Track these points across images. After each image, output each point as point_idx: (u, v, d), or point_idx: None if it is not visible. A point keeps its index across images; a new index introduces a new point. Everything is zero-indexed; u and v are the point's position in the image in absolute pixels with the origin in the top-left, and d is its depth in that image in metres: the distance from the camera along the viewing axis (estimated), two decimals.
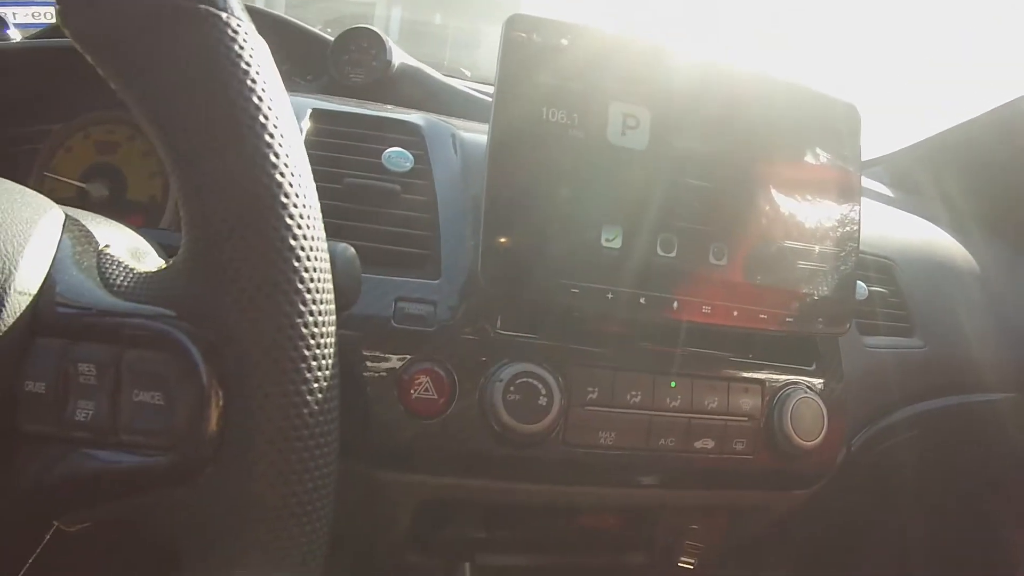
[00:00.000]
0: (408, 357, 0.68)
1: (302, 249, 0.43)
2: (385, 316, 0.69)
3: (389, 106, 0.89)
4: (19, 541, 0.47)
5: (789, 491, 0.85)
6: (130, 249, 0.52)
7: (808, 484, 0.86)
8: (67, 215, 0.49)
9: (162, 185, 0.95)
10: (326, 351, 0.44)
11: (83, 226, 0.50)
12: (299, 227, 0.43)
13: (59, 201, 0.50)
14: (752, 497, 0.84)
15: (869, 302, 0.97)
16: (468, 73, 1.54)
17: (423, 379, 0.67)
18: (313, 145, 0.76)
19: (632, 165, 0.71)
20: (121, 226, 0.54)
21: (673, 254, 0.72)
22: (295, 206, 0.43)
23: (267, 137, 0.42)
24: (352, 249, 0.54)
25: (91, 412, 0.42)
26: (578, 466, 0.73)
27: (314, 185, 0.46)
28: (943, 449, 1.14)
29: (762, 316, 0.75)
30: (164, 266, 0.47)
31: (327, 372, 0.44)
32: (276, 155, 0.42)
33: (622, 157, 0.70)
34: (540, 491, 0.76)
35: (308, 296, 0.43)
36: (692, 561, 0.85)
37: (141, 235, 0.55)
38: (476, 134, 0.82)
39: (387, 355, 0.68)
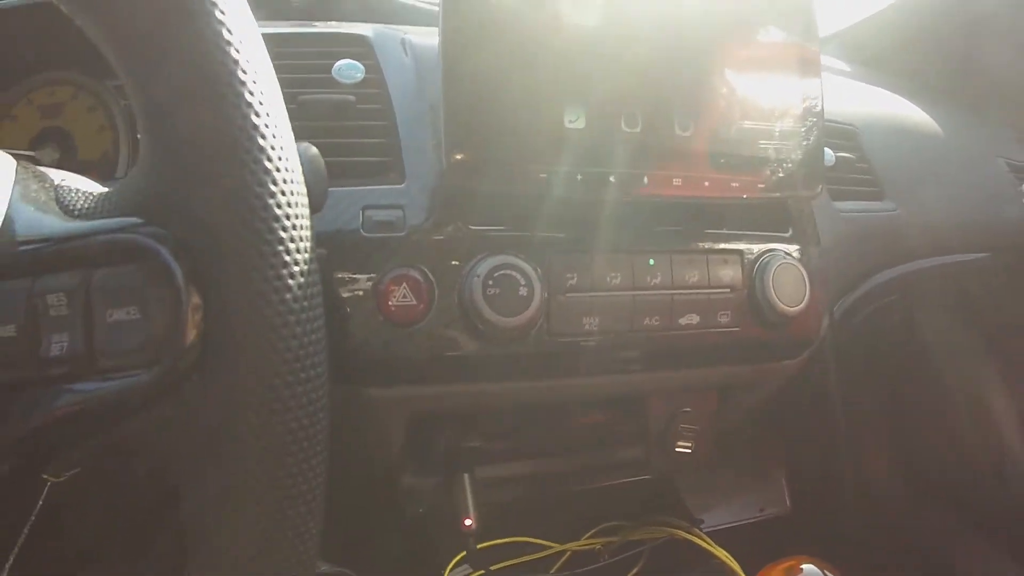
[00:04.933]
0: (383, 266, 0.66)
1: (265, 139, 0.42)
2: (354, 227, 0.67)
3: (334, 22, 0.86)
4: (13, 504, 0.45)
5: (778, 362, 0.85)
6: (86, 183, 0.49)
7: (795, 353, 0.85)
8: (18, 161, 0.47)
9: (112, 139, 0.91)
10: (302, 243, 0.43)
11: (35, 168, 0.47)
12: (264, 124, 0.42)
13: None
14: (741, 372, 0.84)
15: (836, 168, 0.97)
16: None
17: (400, 286, 0.66)
18: None
19: (588, 42, 0.69)
20: (74, 174, 0.51)
21: (638, 129, 0.70)
22: (260, 104, 0.42)
23: (228, 46, 0.41)
24: (315, 148, 0.53)
25: (66, 344, 0.40)
26: (565, 356, 0.72)
27: (278, 87, 0.45)
28: (922, 313, 1.15)
29: (734, 184, 0.74)
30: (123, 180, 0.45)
31: (306, 262, 0.43)
32: (237, 62, 0.41)
33: (578, 36, 0.68)
34: (531, 389, 0.75)
35: (278, 187, 0.42)
36: (688, 445, 0.85)
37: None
38: (426, 37, 0.79)
39: (361, 266, 0.66)
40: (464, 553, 0.92)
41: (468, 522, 0.80)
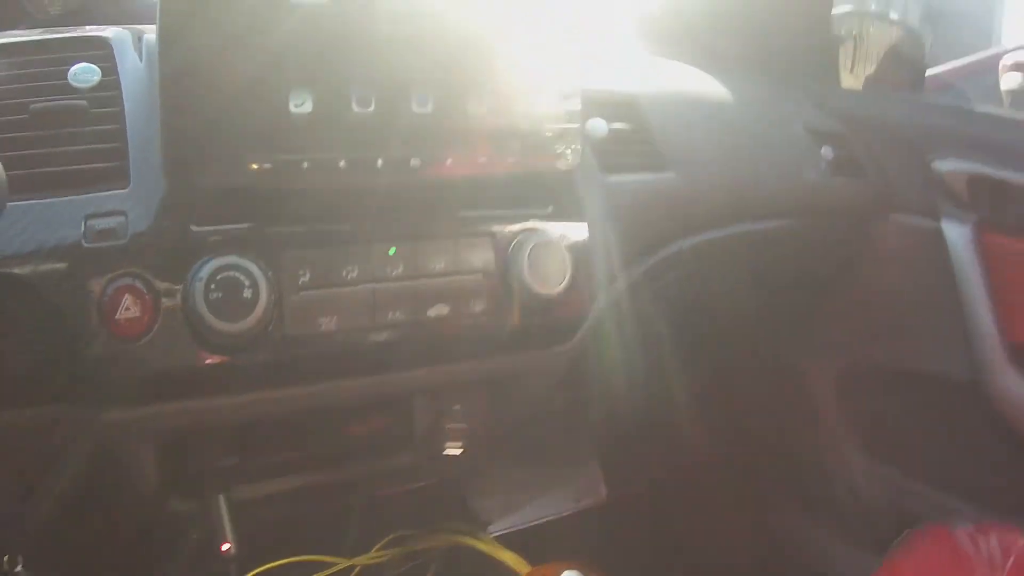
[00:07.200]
0: (105, 277, 0.60)
1: None
2: (76, 239, 0.60)
3: (88, 27, 0.77)
4: None
5: (548, 348, 0.80)
6: None
7: (563, 338, 0.80)
8: None
9: None
10: None
11: None
12: None
13: None
14: (508, 362, 0.78)
15: (611, 140, 0.91)
16: None
17: (123, 297, 0.60)
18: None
19: (315, 21, 0.62)
20: None
21: (371, 109, 0.64)
22: None
23: None
24: None
25: None
26: (303, 361, 0.66)
27: None
28: (718, 282, 1.13)
29: (481, 160, 0.69)
30: None
31: None
32: None
33: (303, 14, 0.62)
34: (277, 399, 0.69)
35: None
36: (459, 444, 0.79)
37: None
38: None
39: (84, 280, 0.60)
40: None
41: (226, 546, 0.74)
